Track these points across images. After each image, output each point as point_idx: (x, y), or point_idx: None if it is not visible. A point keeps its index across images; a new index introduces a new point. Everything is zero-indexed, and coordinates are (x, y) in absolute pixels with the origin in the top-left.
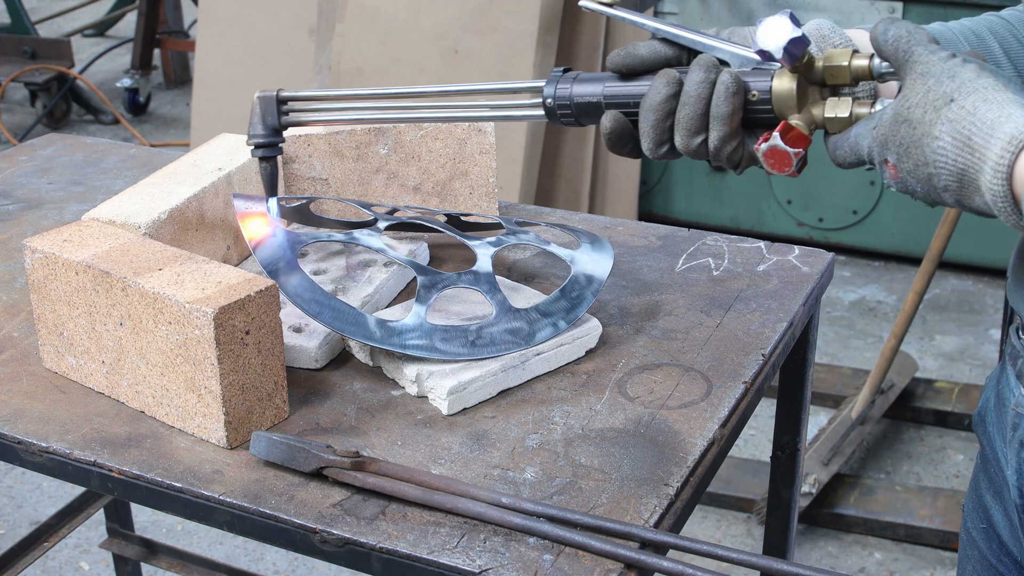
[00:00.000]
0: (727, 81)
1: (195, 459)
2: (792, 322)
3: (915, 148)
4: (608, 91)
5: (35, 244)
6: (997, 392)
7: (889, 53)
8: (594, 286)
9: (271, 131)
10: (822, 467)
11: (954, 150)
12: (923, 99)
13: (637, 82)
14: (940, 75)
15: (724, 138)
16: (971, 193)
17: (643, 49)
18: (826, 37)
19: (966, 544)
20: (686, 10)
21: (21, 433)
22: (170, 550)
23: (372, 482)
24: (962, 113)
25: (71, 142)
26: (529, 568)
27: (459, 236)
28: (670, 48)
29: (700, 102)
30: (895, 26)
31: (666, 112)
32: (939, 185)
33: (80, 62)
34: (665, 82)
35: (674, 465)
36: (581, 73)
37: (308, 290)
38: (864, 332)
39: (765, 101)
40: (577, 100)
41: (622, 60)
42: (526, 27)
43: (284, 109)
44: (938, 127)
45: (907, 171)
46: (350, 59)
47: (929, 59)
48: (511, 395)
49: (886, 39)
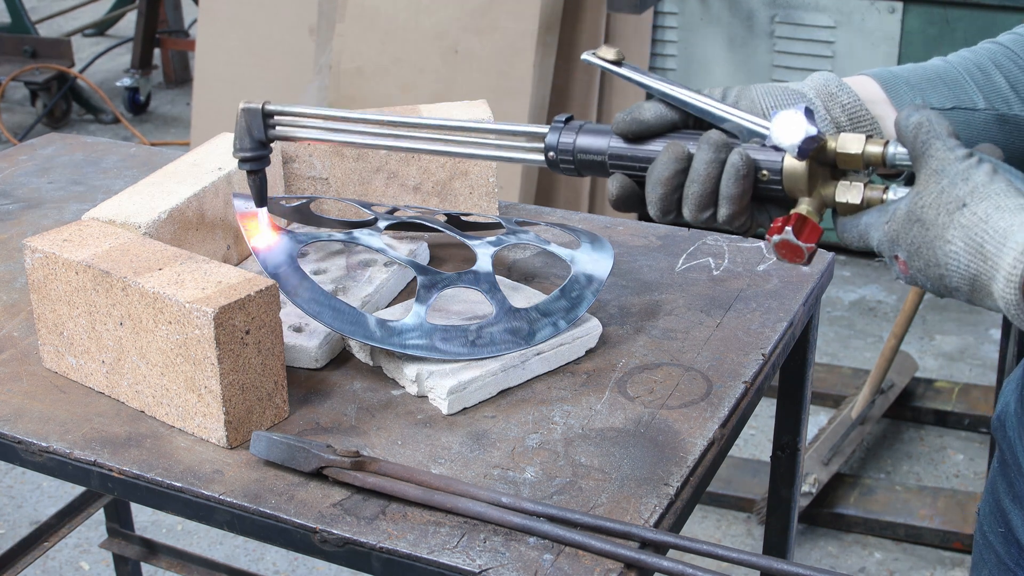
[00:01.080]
0: (737, 163)
1: (195, 459)
2: (792, 322)
3: (927, 249)
4: (613, 151)
5: (35, 244)
6: (1019, 396)
7: (908, 141)
8: (594, 286)
9: (257, 144)
10: (822, 467)
11: (966, 256)
12: (936, 200)
13: (643, 146)
14: (954, 176)
15: (733, 215)
16: (983, 297)
17: (648, 114)
18: (833, 95)
19: (982, 548)
20: (686, 10)
21: (21, 433)
22: (170, 550)
23: (372, 482)
24: (974, 220)
25: (71, 141)
26: (529, 568)
27: (459, 236)
28: (675, 112)
29: (709, 181)
30: (918, 114)
31: (674, 187)
32: (950, 285)
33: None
34: (674, 157)
35: (674, 465)
36: (586, 124)
37: (308, 290)
38: (864, 332)
39: (776, 181)
40: (581, 156)
41: (628, 126)
42: (526, 27)
43: (271, 123)
44: (951, 231)
45: (918, 269)
46: (350, 59)
47: (945, 156)
48: (511, 395)
49: (907, 125)
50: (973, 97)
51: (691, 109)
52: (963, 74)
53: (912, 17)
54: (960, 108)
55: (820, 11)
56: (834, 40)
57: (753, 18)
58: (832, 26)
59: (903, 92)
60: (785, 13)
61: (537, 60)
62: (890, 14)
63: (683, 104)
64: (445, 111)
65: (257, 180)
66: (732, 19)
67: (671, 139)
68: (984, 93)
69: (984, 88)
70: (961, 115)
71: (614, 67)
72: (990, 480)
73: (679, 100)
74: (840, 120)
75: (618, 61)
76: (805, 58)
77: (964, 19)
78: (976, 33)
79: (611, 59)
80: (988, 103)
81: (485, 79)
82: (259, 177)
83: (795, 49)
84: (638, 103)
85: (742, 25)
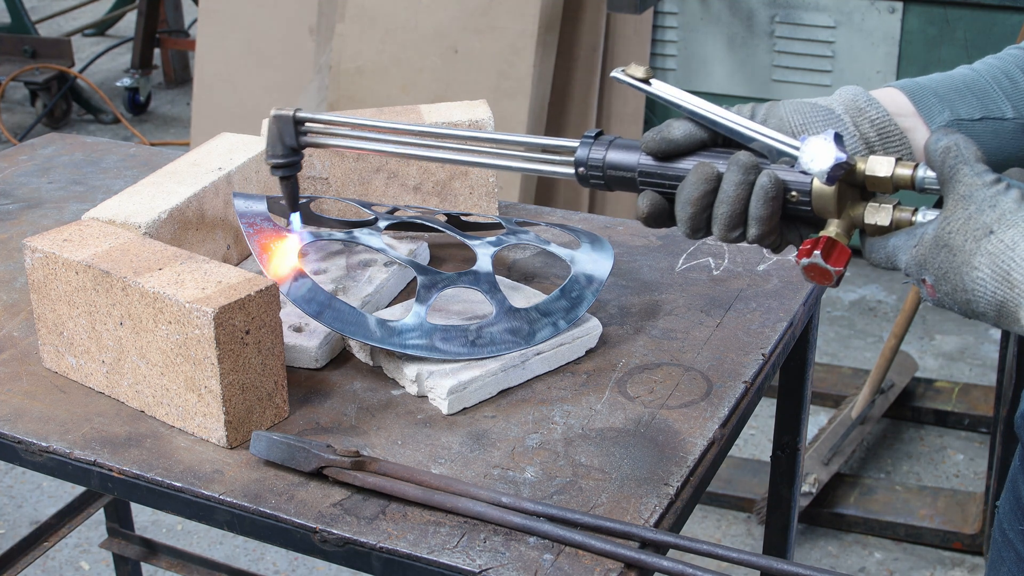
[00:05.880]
0: (766, 185)
1: (195, 459)
2: (792, 322)
3: (954, 274)
4: (643, 168)
5: (35, 244)
6: None
7: (936, 165)
8: (594, 286)
9: (289, 151)
10: (822, 467)
11: (993, 283)
12: (964, 226)
13: (673, 164)
14: (982, 203)
15: (762, 235)
16: (1010, 323)
17: (677, 132)
18: (862, 110)
19: (1001, 546)
20: (686, 10)
21: (21, 433)
22: (170, 550)
23: (372, 482)
24: (1001, 247)
25: (71, 141)
26: (529, 568)
27: (459, 236)
28: (704, 130)
29: (738, 202)
30: (946, 138)
31: (703, 207)
32: (977, 311)
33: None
34: (703, 178)
35: (674, 465)
36: (616, 139)
37: (308, 290)
38: (864, 332)
39: (805, 202)
40: (611, 172)
41: (657, 145)
42: (526, 27)
43: (302, 130)
44: (978, 258)
45: (945, 293)
46: (350, 59)
47: (973, 182)
48: (511, 395)
49: (935, 149)
50: (1002, 106)
51: (720, 128)
52: (990, 82)
53: (912, 17)
54: (989, 118)
55: (820, 11)
56: (834, 40)
57: (753, 18)
58: (832, 26)
59: (932, 104)
60: (785, 13)
61: (537, 60)
62: (890, 14)
63: (712, 123)
64: (445, 111)
65: (289, 185)
66: (732, 19)
67: (700, 158)
68: (1012, 102)
69: (1012, 96)
70: (990, 125)
71: (644, 85)
72: (1010, 478)
73: (708, 119)
74: (869, 135)
75: (647, 79)
76: (805, 58)
77: (964, 19)
78: (976, 33)
79: (640, 77)
80: (1017, 112)
81: (485, 79)
82: (292, 183)
83: (795, 49)
84: (667, 121)
85: (742, 25)
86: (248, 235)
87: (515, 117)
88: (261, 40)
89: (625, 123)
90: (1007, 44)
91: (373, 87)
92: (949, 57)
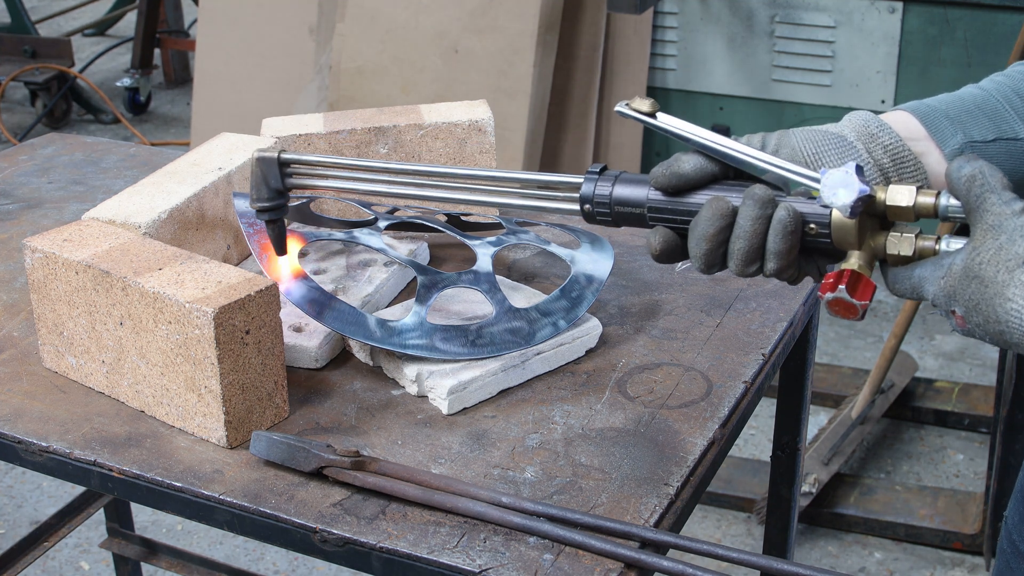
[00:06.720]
0: (784, 219)
1: (195, 459)
2: (792, 322)
3: (986, 306)
4: (653, 204)
5: (35, 244)
6: None
7: (961, 193)
8: (594, 286)
9: (274, 193)
10: (822, 467)
11: None
12: (995, 256)
13: (684, 199)
14: (1012, 232)
15: (780, 269)
16: None
17: (688, 167)
18: (874, 136)
19: (1009, 556)
20: (686, 10)
21: (21, 433)
22: (170, 550)
23: (372, 482)
24: None
25: (71, 141)
26: (529, 568)
27: (459, 236)
28: (715, 163)
29: (756, 238)
30: (970, 165)
31: (719, 243)
32: (1011, 341)
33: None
34: (718, 214)
35: (674, 465)
36: (622, 173)
37: (308, 290)
38: (864, 332)
39: (824, 234)
40: (619, 208)
41: (667, 180)
42: (526, 27)
43: (287, 171)
44: (1011, 289)
45: (976, 324)
46: (350, 59)
47: (1001, 211)
48: (511, 395)
49: (959, 177)
50: (1015, 126)
51: (731, 161)
52: (1001, 102)
53: (912, 17)
54: (1002, 139)
55: (820, 11)
56: (834, 40)
57: (753, 18)
58: (832, 26)
59: (943, 126)
60: (785, 13)
61: (537, 60)
62: (890, 14)
63: (723, 156)
64: (445, 111)
65: (276, 228)
66: (732, 19)
67: (713, 192)
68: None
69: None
70: (1004, 146)
71: (649, 119)
72: (1018, 488)
73: (719, 152)
74: (883, 162)
75: (653, 112)
76: (805, 58)
77: (964, 19)
78: (976, 33)
79: (646, 111)
80: None
81: (485, 79)
82: (279, 225)
83: (795, 49)
84: (676, 155)
85: (742, 25)
86: (248, 235)
87: (515, 117)
88: (261, 40)
89: (626, 124)
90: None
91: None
92: (949, 57)
